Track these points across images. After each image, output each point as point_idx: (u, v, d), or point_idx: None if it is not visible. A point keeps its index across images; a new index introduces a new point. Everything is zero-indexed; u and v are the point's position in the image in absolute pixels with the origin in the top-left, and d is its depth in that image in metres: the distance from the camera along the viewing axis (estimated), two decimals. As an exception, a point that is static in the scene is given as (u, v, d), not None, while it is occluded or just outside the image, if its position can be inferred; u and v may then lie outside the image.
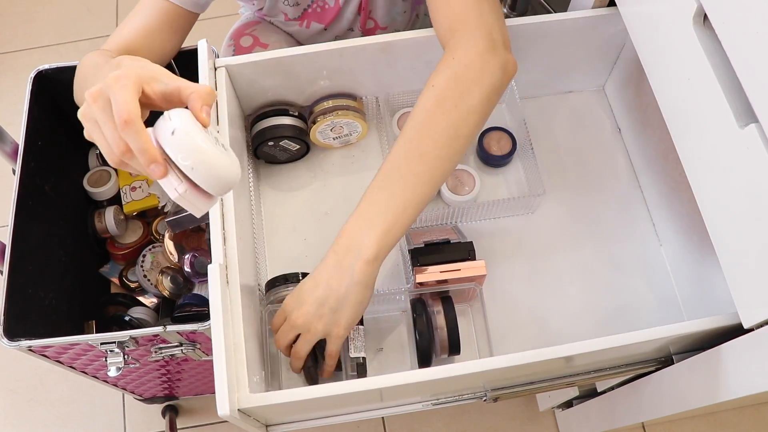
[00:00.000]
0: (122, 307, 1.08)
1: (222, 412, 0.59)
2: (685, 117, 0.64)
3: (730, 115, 0.55)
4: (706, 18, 0.58)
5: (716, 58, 0.58)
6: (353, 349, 0.74)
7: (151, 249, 1.10)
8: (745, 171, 0.54)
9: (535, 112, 0.99)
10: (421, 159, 0.68)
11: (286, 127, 0.89)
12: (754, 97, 0.52)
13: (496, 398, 0.72)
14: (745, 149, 0.53)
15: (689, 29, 0.60)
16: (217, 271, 0.66)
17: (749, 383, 0.59)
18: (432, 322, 0.76)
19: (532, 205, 0.90)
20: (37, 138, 0.91)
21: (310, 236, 0.90)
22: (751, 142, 0.52)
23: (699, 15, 0.59)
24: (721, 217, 0.60)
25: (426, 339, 0.75)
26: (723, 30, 0.55)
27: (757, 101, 0.51)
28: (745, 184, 0.55)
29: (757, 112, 0.51)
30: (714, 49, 0.58)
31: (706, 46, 0.58)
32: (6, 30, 1.95)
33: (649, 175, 0.91)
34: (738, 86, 0.54)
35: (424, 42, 0.84)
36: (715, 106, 0.57)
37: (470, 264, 0.77)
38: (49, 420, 1.41)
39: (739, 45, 0.53)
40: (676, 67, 0.64)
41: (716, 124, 0.57)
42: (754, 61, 0.51)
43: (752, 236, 0.55)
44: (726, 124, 0.55)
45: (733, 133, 0.55)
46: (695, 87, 0.60)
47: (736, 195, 0.56)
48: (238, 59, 0.83)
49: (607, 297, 0.86)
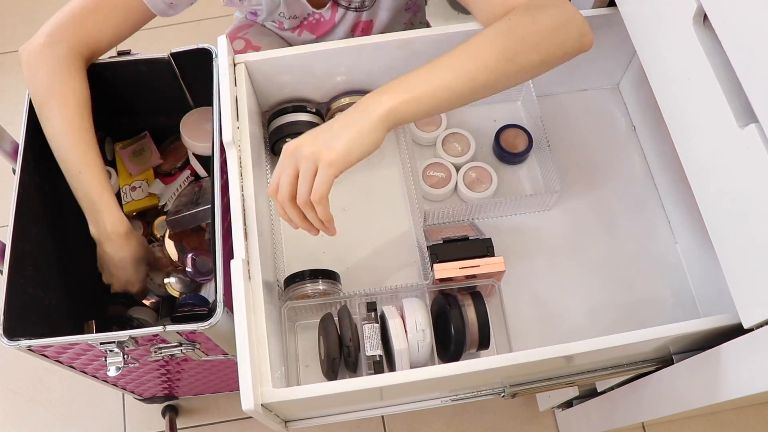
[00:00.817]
0: (122, 307, 1.08)
1: (246, 407, 0.59)
2: (685, 117, 0.64)
3: (730, 115, 0.55)
4: (706, 18, 0.58)
5: (716, 58, 0.58)
6: (369, 347, 0.74)
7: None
8: (745, 171, 0.54)
9: (551, 109, 0.99)
10: (471, 59, 0.69)
11: (304, 123, 0.89)
12: (754, 97, 0.52)
13: (514, 394, 0.73)
14: (745, 149, 0.53)
15: (689, 29, 0.60)
16: (240, 266, 0.67)
17: (749, 383, 0.59)
18: (464, 317, 0.76)
19: (548, 202, 0.90)
20: (37, 138, 0.91)
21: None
22: (751, 142, 0.52)
23: (699, 15, 0.59)
24: (721, 217, 0.60)
25: (461, 334, 0.75)
26: (723, 30, 0.55)
27: (757, 101, 0.51)
28: (745, 184, 0.55)
29: (757, 112, 0.51)
30: (714, 49, 0.58)
31: (706, 46, 0.58)
32: (6, 30, 1.95)
33: (664, 173, 0.91)
34: (738, 86, 0.54)
35: (442, 39, 0.84)
36: (715, 106, 0.57)
37: (489, 260, 0.78)
38: (49, 420, 1.41)
39: (739, 45, 0.53)
40: (676, 67, 0.64)
41: (716, 124, 0.57)
42: (754, 61, 0.51)
43: (752, 236, 0.55)
44: (726, 124, 0.55)
45: (733, 133, 0.54)
46: (695, 87, 0.60)
47: (736, 195, 0.56)
48: (256, 55, 0.83)
49: (624, 294, 0.86)
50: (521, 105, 1.00)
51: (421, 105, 0.67)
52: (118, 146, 1.12)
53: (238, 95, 0.80)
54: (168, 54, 0.94)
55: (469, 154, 0.94)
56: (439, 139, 0.95)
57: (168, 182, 1.11)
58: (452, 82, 0.68)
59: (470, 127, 0.96)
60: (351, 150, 0.65)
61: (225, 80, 0.77)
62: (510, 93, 0.98)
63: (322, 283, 0.79)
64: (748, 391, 0.59)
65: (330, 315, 0.79)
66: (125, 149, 1.11)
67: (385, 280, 0.87)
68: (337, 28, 1.01)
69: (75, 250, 1.02)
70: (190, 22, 1.89)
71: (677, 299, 0.86)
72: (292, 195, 0.67)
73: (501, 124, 0.96)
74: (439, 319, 0.79)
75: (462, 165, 0.93)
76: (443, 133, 0.95)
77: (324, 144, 0.65)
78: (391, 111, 0.66)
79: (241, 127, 0.78)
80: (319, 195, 0.65)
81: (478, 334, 0.76)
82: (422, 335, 0.75)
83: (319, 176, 0.65)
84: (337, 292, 0.81)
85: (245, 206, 0.73)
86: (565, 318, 0.85)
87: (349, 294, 0.81)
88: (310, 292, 0.79)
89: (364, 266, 0.88)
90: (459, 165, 0.93)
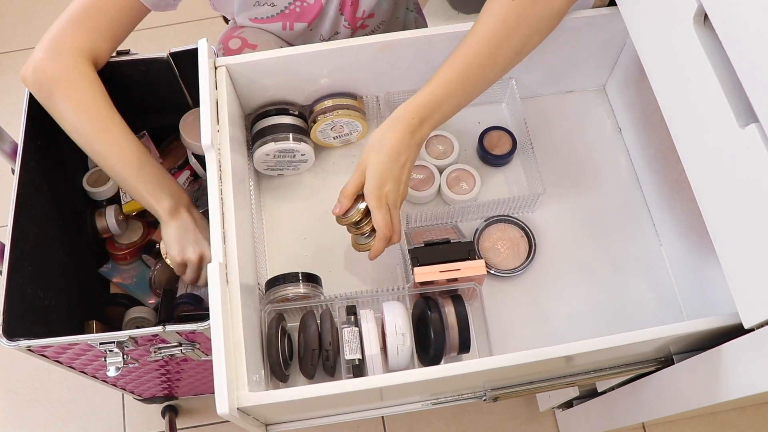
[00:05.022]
0: (122, 307, 1.08)
1: (221, 411, 0.59)
2: (685, 117, 0.64)
3: (731, 114, 0.55)
4: (706, 18, 0.58)
5: (716, 58, 0.57)
6: (348, 351, 0.74)
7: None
8: (745, 171, 0.54)
9: (536, 111, 0.99)
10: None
11: (287, 126, 0.89)
12: (754, 97, 0.52)
13: (496, 398, 0.72)
14: (746, 149, 0.53)
15: (689, 29, 0.60)
16: (216, 269, 0.66)
17: (749, 383, 0.59)
18: (444, 321, 0.76)
19: (532, 204, 0.90)
20: (37, 138, 0.91)
21: (309, 235, 0.90)
22: (752, 142, 0.52)
23: (699, 15, 0.59)
24: (722, 216, 0.59)
25: (441, 338, 0.75)
26: (723, 30, 0.55)
27: (758, 101, 0.51)
28: (745, 183, 0.55)
29: (758, 112, 0.51)
30: (714, 49, 0.58)
31: (707, 46, 0.58)
32: (6, 30, 1.95)
33: (650, 175, 0.91)
34: (738, 86, 0.54)
35: (424, 41, 0.84)
36: (716, 106, 0.57)
37: (470, 263, 0.78)
38: (48, 420, 1.41)
39: (739, 45, 0.53)
40: (677, 67, 0.64)
41: (716, 124, 0.57)
42: (754, 61, 0.51)
43: (752, 236, 0.55)
44: (726, 124, 0.55)
45: (734, 132, 0.54)
46: (695, 87, 0.60)
47: (736, 195, 0.56)
48: (238, 58, 0.82)
49: (607, 297, 0.86)
50: (506, 107, 0.99)
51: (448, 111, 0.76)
52: (118, 146, 1.12)
53: (219, 99, 0.79)
54: (167, 54, 0.94)
55: (453, 156, 0.93)
56: None
57: (168, 182, 1.11)
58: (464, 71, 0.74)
59: (454, 128, 0.95)
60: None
61: (205, 84, 0.77)
62: (494, 95, 0.98)
63: (304, 286, 0.79)
64: (748, 391, 0.59)
65: (311, 313, 0.79)
66: (125, 149, 1.11)
67: (366, 283, 0.87)
68: (326, 8, 0.99)
69: (75, 250, 1.02)
70: (190, 22, 1.89)
71: (661, 301, 0.86)
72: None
73: (485, 126, 0.95)
74: (420, 323, 0.78)
75: (445, 167, 0.92)
76: (426, 135, 0.95)
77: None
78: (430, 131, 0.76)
79: (221, 130, 0.77)
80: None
81: (459, 338, 0.76)
82: (402, 339, 0.75)
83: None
84: (318, 295, 0.81)
85: (224, 209, 0.73)
86: (549, 321, 0.85)
87: (330, 297, 0.81)
88: (291, 295, 0.79)
89: (346, 270, 0.88)
90: (442, 167, 0.92)
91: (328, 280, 0.84)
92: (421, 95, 0.74)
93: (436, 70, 0.75)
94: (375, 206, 0.74)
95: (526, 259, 0.87)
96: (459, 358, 0.80)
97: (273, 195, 0.94)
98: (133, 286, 1.11)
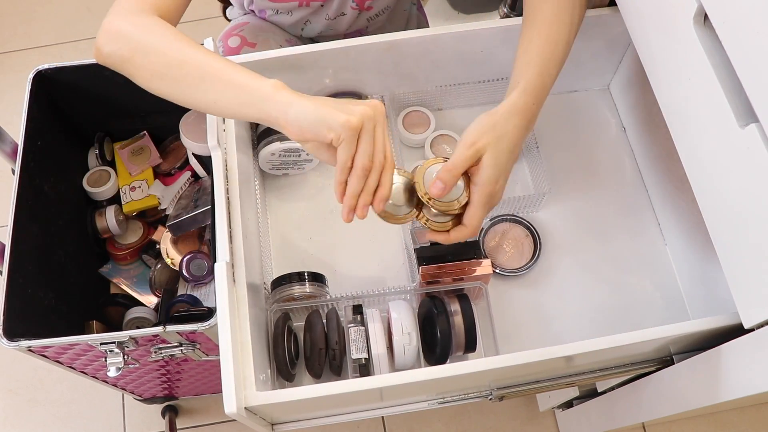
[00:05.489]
0: (122, 307, 1.08)
1: (229, 410, 0.59)
2: (685, 117, 0.64)
3: (731, 114, 0.55)
4: (706, 18, 0.58)
5: (716, 58, 0.57)
6: (355, 350, 0.74)
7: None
8: (745, 171, 0.54)
9: (541, 111, 0.98)
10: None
11: None
12: (754, 97, 0.52)
13: (502, 397, 0.72)
14: (746, 149, 0.53)
15: (689, 29, 0.60)
16: (223, 269, 0.66)
17: (749, 383, 0.59)
18: (450, 321, 0.76)
19: (538, 203, 0.90)
20: (37, 138, 0.91)
21: (315, 235, 0.90)
22: (752, 142, 0.52)
23: (699, 15, 0.59)
24: (722, 216, 0.59)
25: (447, 337, 0.75)
26: (723, 30, 0.55)
27: (758, 101, 0.51)
28: (745, 184, 0.55)
29: (758, 112, 0.51)
30: (714, 49, 0.58)
31: (707, 46, 0.58)
32: (6, 30, 1.95)
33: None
34: (738, 86, 0.54)
35: (430, 41, 0.84)
36: (716, 106, 0.57)
37: (476, 263, 0.78)
38: (48, 420, 1.41)
39: (739, 45, 0.53)
40: (677, 67, 0.64)
41: (716, 124, 0.57)
42: (754, 61, 0.51)
43: (752, 236, 0.55)
44: (726, 124, 0.55)
45: (734, 132, 0.54)
46: (696, 87, 0.60)
47: (736, 195, 0.56)
48: (243, 57, 0.82)
49: (612, 296, 0.86)
50: (511, 106, 0.99)
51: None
52: (117, 146, 1.12)
53: None
54: (168, 54, 0.94)
55: None
56: (428, 140, 0.94)
57: (168, 182, 1.11)
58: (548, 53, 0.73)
59: (459, 128, 0.95)
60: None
61: None
62: (500, 94, 0.97)
63: (309, 285, 0.79)
64: (748, 391, 0.59)
65: (317, 312, 0.79)
66: (124, 149, 1.11)
67: (372, 283, 0.87)
68: None
69: (75, 250, 1.02)
70: (190, 22, 1.89)
71: (666, 300, 0.86)
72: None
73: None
74: (426, 322, 0.78)
75: None
76: (432, 135, 0.95)
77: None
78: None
79: (227, 129, 0.77)
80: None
81: (465, 338, 0.76)
82: (408, 338, 0.75)
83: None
84: (324, 294, 0.80)
85: (230, 208, 0.72)
86: (555, 320, 0.85)
87: (336, 297, 0.80)
88: (297, 294, 0.78)
89: (352, 269, 0.88)
90: None
91: (333, 280, 0.85)
92: (531, 77, 0.69)
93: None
94: (483, 202, 0.67)
95: (532, 258, 0.87)
96: (465, 357, 0.80)
97: (278, 194, 0.94)
98: (133, 286, 1.11)
